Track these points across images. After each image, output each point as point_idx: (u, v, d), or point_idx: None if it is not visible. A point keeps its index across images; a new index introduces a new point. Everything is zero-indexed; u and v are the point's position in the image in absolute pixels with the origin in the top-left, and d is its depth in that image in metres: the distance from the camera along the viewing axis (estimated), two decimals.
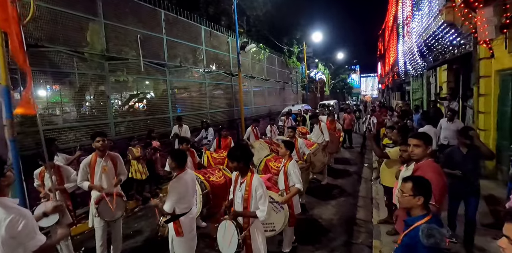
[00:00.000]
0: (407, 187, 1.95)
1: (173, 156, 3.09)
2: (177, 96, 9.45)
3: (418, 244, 1.79)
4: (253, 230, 2.59)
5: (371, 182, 6.89)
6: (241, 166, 2.64)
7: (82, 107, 6.46)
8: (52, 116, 5.85)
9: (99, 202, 3.58)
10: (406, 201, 1.95)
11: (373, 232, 4.28)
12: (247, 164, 2.69)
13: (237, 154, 2.64)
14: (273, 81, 18.06)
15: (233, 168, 2.70)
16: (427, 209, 1.95)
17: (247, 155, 2.73)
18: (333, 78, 39.83)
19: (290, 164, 3.75)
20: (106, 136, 3.76)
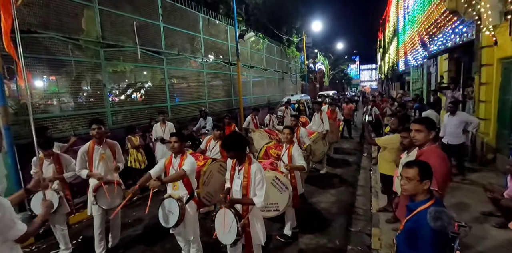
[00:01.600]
0: (412, 172, 1.90)
1: (180, 137, 3.13)
2: (175, 85, 9.33)
3: (422, 228, 1.76)
4: (252, 217, 2.57)
5: (370, 171, 6.90)
6: (238, 154, 2.59)
7: (78, 95, 6.34)
8: (47, 104, 5.74)
9: (97, 189, 3.54)
10: (413, 187, 1.89)
11: (372, 220, 4.29)
12: (243, 151, 2.63)
13: (230, 144, 2.58)
14: (272, 71, 17.88)
15: (230, 157, 2.65)
16: (430, 193, 1.92)
17: (242, 143, 2.65)
18: (333, 68, 39.55)
19: (294, 147, 3.80)
20: (103, 123, 3.69)
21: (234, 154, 2.59)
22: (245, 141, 2.72)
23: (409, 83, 17.41)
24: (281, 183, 3.49)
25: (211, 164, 4.07)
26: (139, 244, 3.96)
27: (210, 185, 3.94)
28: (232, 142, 2.58)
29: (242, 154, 2.62)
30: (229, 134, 2.74)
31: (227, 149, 2.59)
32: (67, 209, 3.73)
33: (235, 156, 2.61)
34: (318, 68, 31.16)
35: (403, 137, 3.28)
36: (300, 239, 3.89)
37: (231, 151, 2.57)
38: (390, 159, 4.00)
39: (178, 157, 3.13)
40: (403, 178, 1.95)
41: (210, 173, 4.00)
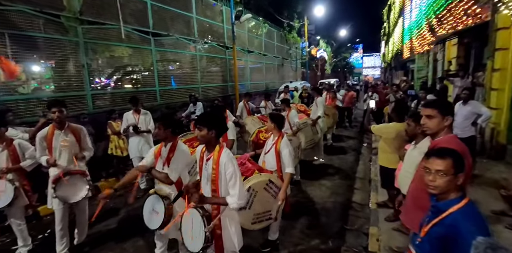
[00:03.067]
0: (446, 164, 1.45)
1: (165, 124, 2.60)
2: (164, 68, 8.73)
3: (462, 237, 1.31)
4: (225, 219, 2.11)
5: (369, 162, 6.45)
6: (211, 136, 2.07)
7: (53, 77, 5.80)
8: (17, 86, 5.21)
9: (57, 181, 3.09)
10: (447, 184, 1.45)
11: (370, 217, 3.86)
12: (218, 136, 2.14)
13: (208, 119, 2.07)
14: (271, 56, 17.18)
15: (200, 138, 2.10)
16: (462, 190, 1.48)
17: (221, 124, 2.16)
18: (335, 56, 38.54)
19: (283, 142, 3.18)
20: (65, 105, 3.17)
21: (207, 135, 2.05)
22: (225, 125, 2.21)
23: (413, 71, 16.74)
24: (275, 186, 2.93)
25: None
26: (109, 241, 3.54)
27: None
28: (212, 118, 2.09)
29: (214, 139, 2.11)
30: (211, 110, 2.22)
31: (200, 124, 2.06)
32: (24, 201, 3.29)
33: (206, 138, 2.08)
34: (320, 56, 30.27)
35: (407, 125, 2.75)
36: (290, 239, 3.46)
37: (205, 128, 2.04)
38: (389, 150, 3.53)
39: (168, 145, 2.64)
40: (430, 172, 1.49)
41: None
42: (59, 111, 3.05)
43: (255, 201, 2.79)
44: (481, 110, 4.73)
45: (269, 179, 2.87)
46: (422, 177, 1.89)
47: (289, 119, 5.20)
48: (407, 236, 3.20)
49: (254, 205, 2.80)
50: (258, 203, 2.81)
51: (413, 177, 2.07)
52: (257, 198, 2.80)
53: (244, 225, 2.83)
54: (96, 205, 3.50)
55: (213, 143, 2.11)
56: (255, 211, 2.82)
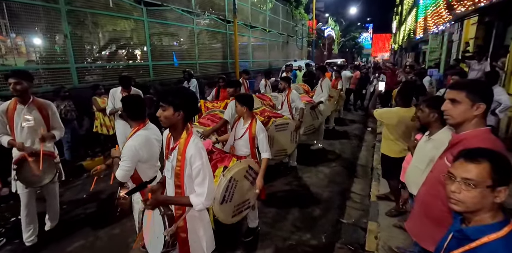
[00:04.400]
0: (477, 171, 1.03)
1: (126, 104, 2.22)
2: (157, 41, 8.15)
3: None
4: (192, 219, 1.73)
5: (372, 148, 6.07)
6: (176, 118, 1.61)
7: (32, 48, 5.31)
8: None
9: (20, 163, 2.74)
10: (475, 199, 1.03)
11: (370, 210, 3.54)
12: (187, 119, 1.67)
13: (176, 97, 1.59)
14: (276, 33, 16.28)
15: (164, 120, 1.61)
16: (503, 213, 1.06)
17: (192, 104, 1.69)
18: (343, 35, 36.96)
19: (258, 126, 2.85)
20: (27, 76, 2.74)
21: (173, 117, 1.59)
22: (196, 106, 1.78)
23: (425, 53, 15.85)
24: (254, 172, 2.73)
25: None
26: (83, 227, 3.25)
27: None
28: (181, 96, 1.61)
29: (182, 123, 1.66)
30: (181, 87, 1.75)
31: (163, 101, 1.59)
32: None
33: (170, 120, 1.61)
34: (328, 34, 28.94)
35: (420, 111, 2.27)
36: (279, 232, 3.16)
37: (171, 107, 1.58)
38: (391, 137, 3.12)
39: None
40: (454, 179, 1.08)
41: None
42: (16, 83, 2.63)
43: (236, 192, 2.58)
44: (501, 98, 4.21)
45: (249, 165, 2.68)
46: (437, 181, 1.50)
47: (289, 99, 4.76)
48: (409, 235, 2.88)
49: (235, 196, 2.59)
50: (238, 193, 2.60)
51: (426, 178, 1.67)
52: (237, 188, 2.59)
53: (224, 220, 2.53)
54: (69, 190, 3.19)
55: (180, 127, 1.68)
56: (236, 203, 2.63)
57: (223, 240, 2.86)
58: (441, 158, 1.51)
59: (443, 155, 1.50)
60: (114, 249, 2.87)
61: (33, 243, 2.89)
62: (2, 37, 5.00)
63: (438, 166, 1.52)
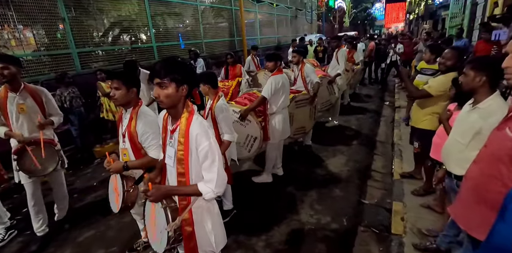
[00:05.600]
0: None
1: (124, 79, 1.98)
2: (160, 22, 7.76)
3: None
4: (198, 211, 1.51)
5: (392, 124, 5.70)
6: (180, 94, 1.36)
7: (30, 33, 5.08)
8: None
9: (19, 152, 2.61)
10: None
11: (393, 190, 3.28)
12: (189, 93, 1.42)
13: (175, 70, 1.33)
14: (283, 7, 15.41)
15: (164, 99, 1.35)
16: None
17: (194, 75, 1.45)
18: (355, 7, 34.94)
19: (217, 106, 2.56)
20: (13, 61, 2.53)
21: (174, 94, 1.34)
22: (194, 77, 1.48)
23: (445, 20, 14.73)
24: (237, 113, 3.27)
25: None
26: (93, 216, 3.17)
27: None
28: (178, 67, 1.35)
29: (182, 98, 1.40)
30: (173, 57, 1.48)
31: (163, 76, 1.32)
32: None
33: (172, 98, 1.36)
34: (338, 6, 27.37)
35: (463, 75, 1.90)
36: (296, 216, 2.98)
37: (171, 82, 1.32)
38: (439, 110, 2.73)
39: (128, 112, 2.05)
40: None
41: None
42: (3, 68, 2.41)
43: None
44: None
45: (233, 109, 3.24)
46: (496, 158, 1.20)
47: (303, 74, 4.40)
48: (440, 216, 2.64)
49: None
50: None
51: (478, 155, 1.37)
52: None
53: None
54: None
55: (181, 106, 1.43)
56: None
57: (234, 231, 2.71)
58: (500, 130, 1.20)
59: (503, 125, 1.19)
60: (125, 239, 2.77)
61: (44, 233, 2.82)
62: (10, 28, 4.80)
63: (496, 140, 1.21)
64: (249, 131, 3.36)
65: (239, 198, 3.15)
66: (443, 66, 2.63)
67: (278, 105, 3.39)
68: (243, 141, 3.42)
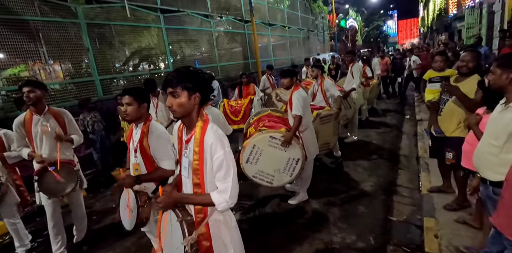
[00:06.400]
0: None
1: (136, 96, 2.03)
2: (177, 48, 8.15)
3: None
4: (215, 224, 1.45)
5: (415, 137, 5.46)
6: (193, 103, 1.35)
7: (55, 62, 5.44)
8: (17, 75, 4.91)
9: (40, 173, 2.67)
10: None
11: (423, 205, 3.05)
12: (203, 102, 1.40)
13: (188, 78, 1.32)
14: (296, 29, 15.86)
15: (177, 108, 1.34)
16: None
17: (207, 83, 1.42)
18: (366, 25, 35.43)
19: None
20: (41, 85, 2.69)
21: (186, 103, 1.33)
22: (209, 85, 1.48)
23: (461, 31, 14.55)
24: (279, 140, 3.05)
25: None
26: (110, 238, 3.12)
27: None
28: (190, 74, 1.35)
29: (196, 107, 1.39)
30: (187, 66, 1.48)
31: (173, 84, 1.32)
32: (15, 198, 2.95)
33: (184, 107, 1.35)
34: (350, 25, 27.86)
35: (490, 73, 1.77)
36: (318, 234, 2.80)
37: (184, 90, 1.32)
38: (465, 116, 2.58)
39: (139, 126, 2.09)
40: None
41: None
42: (30, 91, 2.56)
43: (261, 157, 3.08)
44: None
45: (269, 135, 3.07)
46: None
47: (323, 88, 4.37)
48: (478, 232, 2.39)
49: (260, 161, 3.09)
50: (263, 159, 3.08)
51: None
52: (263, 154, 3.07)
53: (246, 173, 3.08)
54: None
55: (195, 115, 1.41)
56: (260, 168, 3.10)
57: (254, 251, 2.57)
58: None
59: None
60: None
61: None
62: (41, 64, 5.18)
63: None
64: (290, 154, 3.09)
65: (259, 216, 3.03)
66: (466, 69, 2.52)
67: (306, 120, 3.30)
68: (283, 166, 3.12)
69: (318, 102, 4.40)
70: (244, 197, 3.60)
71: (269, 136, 3.08)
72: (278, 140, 3.06)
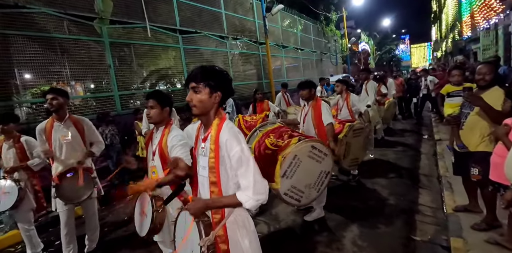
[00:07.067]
0: None
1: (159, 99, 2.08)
2: (193, 68, 8.42)
3: None
4: (233, 226, 1.39)
5: (435, 157, 5.28)
6: (213, 101, 1.37)
7: (78, 78, 5.68)
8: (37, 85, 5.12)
9: (59, 179, 2.70)
10: None
11: (448, 225, 2.86)
12: (222, 102, 1.42)
13: (211, 76, 1.36)
14: (309, 51, 16.23)
15: (198, 104, 1.36)
16: None
17: (229, 84, 1.44)
18: (379, 49, 35.91)
19: None
20: (63, 93, 2.80)
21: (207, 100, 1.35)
22: (230, 82, 1.46)
23: (476, 53, 14.47)
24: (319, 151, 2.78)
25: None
26: (123, 248, 3.07)
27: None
28: (213, 71, 1.38)
29: (215, 105, 1.40)
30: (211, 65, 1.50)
31: (197, 79, 1.34)
32: (32, 204, 2.98)
33: (205, 104, 1.36)
34: (362, 48, 28.32)
35: None
36: (335, 252, 2.65)
37: (205, 87, 1.34)
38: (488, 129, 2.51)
39: (159, 130, 2.14)
40: None
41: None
42: (53, 98, 2.67)
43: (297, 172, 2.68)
44: None
45: (312, 145, 2.75)
46: None
47: (349, 103, 4.40)
48: None
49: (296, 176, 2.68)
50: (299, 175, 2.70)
51: None
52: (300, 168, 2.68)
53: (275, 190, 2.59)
54: None
55: (213, 113, 1.42)
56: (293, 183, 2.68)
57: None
58: None
59: None
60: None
61: None
62: (63, 84, 5.45)
63: None
64: (323, 166, 2.86)
65: (273, 233, 2.91)
66: (483, 81, 2.48)
67: None
68: (314, 181, 2.83)
69: (344, 117, 4.39)
70: (257, 213, 3.50)
71: (310, 146, 2.73)
72: (318, 150, 2.78)
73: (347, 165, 3.86)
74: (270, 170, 2.56)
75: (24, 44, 4.70)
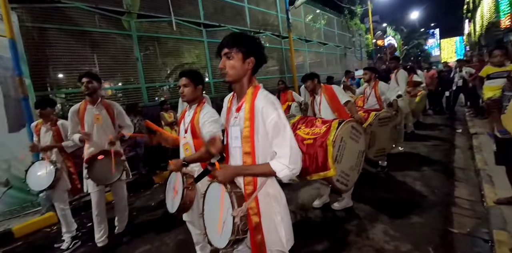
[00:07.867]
0: None
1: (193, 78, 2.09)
2: (216, 62, 8.47)
3: None
4: (265, 198, 1.34)
5: (470, 150, 4.97)
6: (246, 67, 1.33)
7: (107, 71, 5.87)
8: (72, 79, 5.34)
9: (90, 161, 2.79)
10: None
11: (490, 218, 2.67)
12: (256, 68, 1.38)
13: (244, 41, 1.32)
14: (332, 45, 15.85)
15: (231, 70, 1.33)
16: None
17: (263, 50, 1.38)
18: (406, 43, 34.43)
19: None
20: (97, 77, 2.88)
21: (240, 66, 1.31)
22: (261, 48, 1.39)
23: None
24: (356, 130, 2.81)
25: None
26: (150, 232, 3.14)
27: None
28: (245, 37, 1.35)
29: (249, 72, 1.36)
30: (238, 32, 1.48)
31: (230, 45, 1.31)
32: (67, 185, 3.11)
33: (238, 70, 1.32)
34: (388, 43, 27.29)
35: None
36: (366, 242, 2.55)
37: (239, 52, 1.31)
38: None
39: (192, 108, 2.15)
40: None
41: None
42: (89, 82, 2.75)
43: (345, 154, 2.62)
44: None
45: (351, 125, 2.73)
46: None
47: (377, 91, 4.22)
48: None
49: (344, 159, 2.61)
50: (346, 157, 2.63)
51: None
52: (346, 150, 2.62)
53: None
54: None
55: (246, 82, 1.38)
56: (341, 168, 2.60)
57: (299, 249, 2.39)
58: None
59: None
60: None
61: (104, 244, 2.86)
62: None
63: None
64: (360, 146, 2.85)
65: (301, 221, 2.86)
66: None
67: None
68: (355, 162, 2.79)
69: (370, 106, 4.23)
70: None
71: (351, 126, 2.70)
72: (355, 130, 2.76)
73: (372, 156, 3.70)
74: (319, 159, 2.49)
75: (59, 37, 4.93)
